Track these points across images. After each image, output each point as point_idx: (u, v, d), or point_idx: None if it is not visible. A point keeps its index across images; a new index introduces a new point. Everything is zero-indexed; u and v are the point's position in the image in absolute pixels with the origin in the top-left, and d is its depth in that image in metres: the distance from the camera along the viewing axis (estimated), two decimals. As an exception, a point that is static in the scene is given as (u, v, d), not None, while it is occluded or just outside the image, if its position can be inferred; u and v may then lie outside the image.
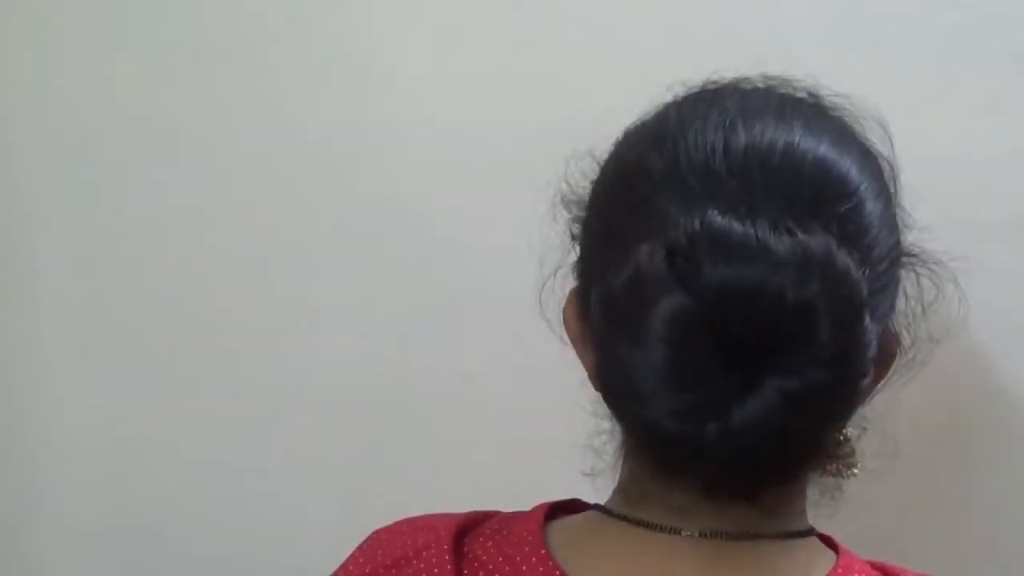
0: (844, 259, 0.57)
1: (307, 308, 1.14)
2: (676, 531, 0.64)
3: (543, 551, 0.66)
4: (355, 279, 1.13)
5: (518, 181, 1.00)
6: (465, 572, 0.67)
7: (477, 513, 0.73)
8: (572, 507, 0.72)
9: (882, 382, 0.69)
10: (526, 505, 0.72)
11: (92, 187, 1.17)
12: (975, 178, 1.01)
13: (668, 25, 1.05)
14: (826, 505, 0.72)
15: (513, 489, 0.74)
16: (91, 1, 1.16)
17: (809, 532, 0.69)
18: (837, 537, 0.71)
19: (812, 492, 0.71)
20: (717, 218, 0.57)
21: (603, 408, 0.65)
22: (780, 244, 0.56)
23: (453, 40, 1.10)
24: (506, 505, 0.74)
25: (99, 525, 1.20)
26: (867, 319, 0.57)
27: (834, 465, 0.70)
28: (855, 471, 0.71)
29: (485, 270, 1.08)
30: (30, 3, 1.16)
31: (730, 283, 0.56)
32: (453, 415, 1.11)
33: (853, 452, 0.70)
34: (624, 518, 0.66)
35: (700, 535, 0.64)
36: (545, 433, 0.94)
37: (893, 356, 0.69)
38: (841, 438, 0.69)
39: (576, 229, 0.71)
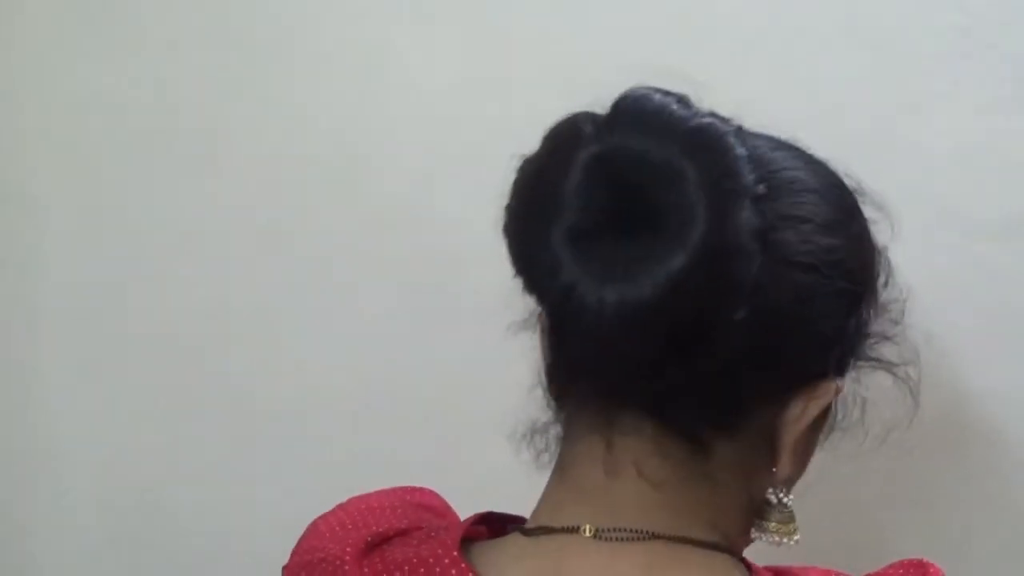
0: (735, 143, 0.60)
1: (307, 311, 1.14)
2: (574, 530, 0.64)
3: (455, 553, 0.66)
4: (356, 280, 1.13)
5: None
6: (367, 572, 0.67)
7: (419, 522, 0.73)
8: (516, 520, 0.72)
9: (807, 425, 0.67)
10: (524, 507, 0.72)
11: (92, 187, 1.17)
12: (975, 178, 1.01)
13: (668, 25, 1.05)
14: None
15: (513, 490, 0.74)
16: (91, 1, 1.16)
17: (720, 547, 0.66)
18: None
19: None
20: (643, 90, 0.63)
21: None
22: (678, 112, 0.61)
23: (453, 39, 1.10)
24: (505, 506, 0.73)
25: (96, 531, 1.20)
26: (747, 213, 0.59)
27: (768, 527, 0.68)
28: (794, 539, 0.69)
29: (485, 270, 1.08)
30: (30, 3, 1.16)
31: (625, 141, 0.61)
32: (453, 416, 1.11)
33: (791, 519, 0.69)
34: (533, 530, 0.67)
35: (597, 533, 0.64)
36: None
37: (817, 398, 0.66)
38: (773, 500, 0.68)
39: None
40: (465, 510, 0.75)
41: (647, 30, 1.05)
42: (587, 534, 0.64)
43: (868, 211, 0.71)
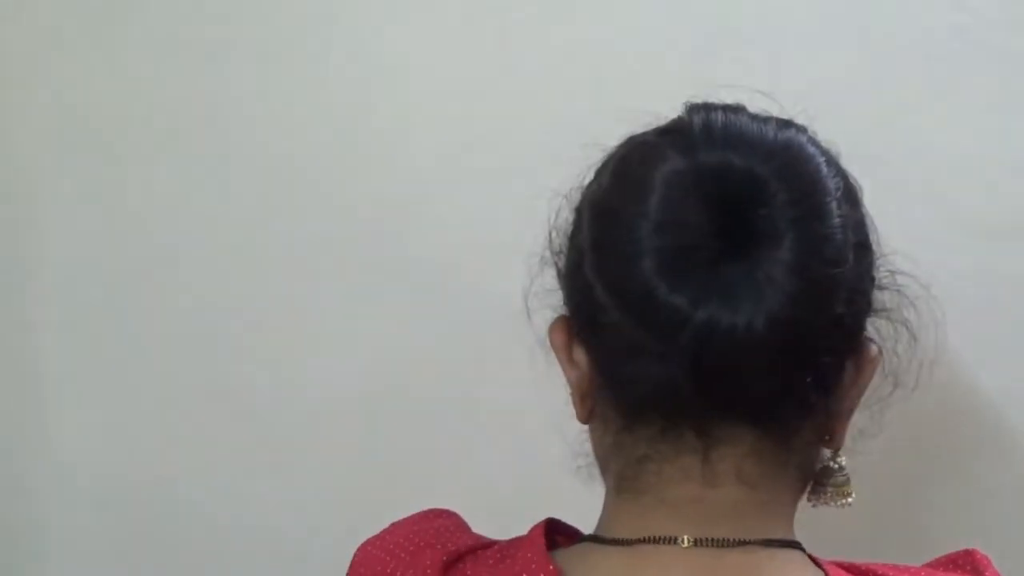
0: (814, 149, 0.63)
1: (308, 311, 1.14)
2: (671, 540, 0.64)
3: (551, 567, 0.65)
4: (357, 281, 1.13)
5: (517, 181, 1.00)
6: None
7: (477, 539, 0.72)
8: (566, 530, 0.72)
9: (858, 389, 0.68)
10: (525, 508, 0.72)
11: (92, 187, 1.17)
12: (975, 179, 1.01)
13: (668, 25, 1.05)
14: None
15: (513, 492, 0.74)
16: (91, 1, 1.16)
17: (795, 544, 0.67)
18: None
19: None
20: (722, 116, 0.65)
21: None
22: (755, 126, 0.64)
23: (453, 40, 1.10)
24: (505, 509, 0.73)
25: (97, 532, 1.20)
26: (835, 207, 0.62)
27: (827, 492, 0.70)
28: (849, 500, 0.70)
29: (484, 270, 1.08)
30: (30, 3, 1.16)
31: (715, 158, 0.62)
32: (453, 418, 1.11)
33: (848, 481, 0.70)
34: (621, 541, 0.66)
35: (696, 543, 0.64)
36: (546, 436, 0.94)
37: (870, 361, 0.68)
38: (835, 465, 0.69)
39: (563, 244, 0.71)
40: (471, 511, 0.74)
41: (647, 30, 1.05)
42: (686, 544, 0.64)
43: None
